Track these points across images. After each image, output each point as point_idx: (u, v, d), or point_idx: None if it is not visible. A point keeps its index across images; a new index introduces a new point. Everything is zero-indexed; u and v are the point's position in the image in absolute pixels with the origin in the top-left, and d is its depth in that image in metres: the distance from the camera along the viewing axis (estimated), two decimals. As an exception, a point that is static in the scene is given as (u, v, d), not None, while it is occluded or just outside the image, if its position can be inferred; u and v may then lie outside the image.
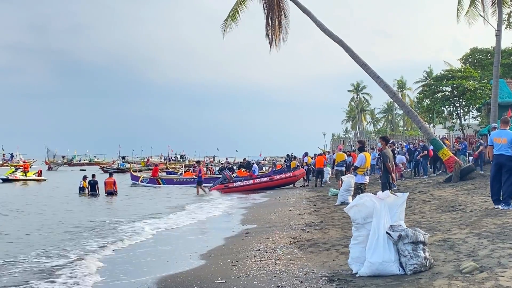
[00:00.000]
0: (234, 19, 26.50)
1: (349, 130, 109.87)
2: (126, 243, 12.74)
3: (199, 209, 21.31)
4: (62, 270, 9.65)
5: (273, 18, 25.83)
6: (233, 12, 26.46)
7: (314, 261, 8.65)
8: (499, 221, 9.49)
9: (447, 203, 13.59)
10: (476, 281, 6.02)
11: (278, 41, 26.27)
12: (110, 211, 21.83)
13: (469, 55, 50.64)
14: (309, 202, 20.62)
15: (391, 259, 6.90)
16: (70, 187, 33.23)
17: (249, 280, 7.84)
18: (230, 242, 12.25)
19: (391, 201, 7.32)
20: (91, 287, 8.36)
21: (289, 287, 7.05)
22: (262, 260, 9.31)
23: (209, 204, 23.83)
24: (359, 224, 7.31)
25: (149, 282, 8.51)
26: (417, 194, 16.39)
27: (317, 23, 24.35)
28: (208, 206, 22.80)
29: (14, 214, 20.07)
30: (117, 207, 23.70)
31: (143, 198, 28.12)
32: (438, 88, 42.31)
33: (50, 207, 22.33)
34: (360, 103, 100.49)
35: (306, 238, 11.21)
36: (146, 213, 19.33)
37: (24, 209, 21.43)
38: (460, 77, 40.38)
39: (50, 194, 31.19)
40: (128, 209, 21.65)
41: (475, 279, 6.08)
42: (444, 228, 9.79)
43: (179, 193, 30.37)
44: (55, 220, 17.76)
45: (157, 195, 30.24)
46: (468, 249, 7.69)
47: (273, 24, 25.88)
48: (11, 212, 20.23)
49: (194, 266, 9.60)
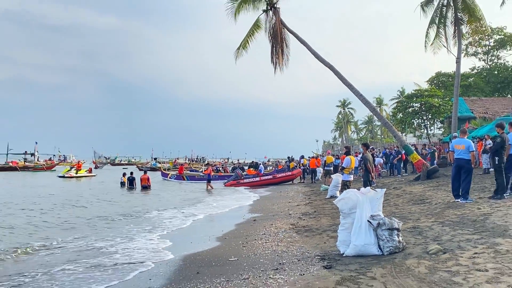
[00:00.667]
0: (245, 47, 26.56)
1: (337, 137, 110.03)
2: (159, 230, 12.68)
3: (214, 201, 21.35)
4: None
5: (277, 48, 25.84)
6: (244, 42, 26.53)
7: (309, 244, 8.66)
8: (458, 212, 9.49)
9: (416, 197, 13.57)
10: (440, 260, 6.01)
11: (281, 66, 26.28)
12: (146, 201, 21.87)
13: (434, 77, 50.53)
14: (305, 195, 20.60)
15: (371, 242, 6.93)
16: (113, 182, 33.36)
17: (257, 258, 7.87)
18: (240, 228, 12.30)
19: (371, 195, 7.33)
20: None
21: (289, 264, 7.07)
22: (267, 242, 9.35)
23: (223, 197, 23.88)
24: (345, 213, 7.34)
25: (177, 259, 8.56)
26: (392, 190, 16.36)
27: (312, 52, 24.40)
28: (222, 198, 22.86)
29: (83, 203, 20.13)
30: (150, 198, 23.70)
31: (171, 192, 28.05)
32: (409, 104, 42.43)
33: (102, 198, 22.38)
34: (346, 116, 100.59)
35: (302, 225, 11.21)
36: (171, 205, 19.26)
37: (84, 200, 21.40)
38: (427, 96, 40.45)
39: (98, 187, 31.31)
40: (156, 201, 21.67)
41: (439, 259, 6.08)
42: (414, 218, 9.79)
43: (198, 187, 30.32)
44: (104, 210, 17.82)
45: (181, 189, 30.21)
46: (434, 234, 7.70)
47: (277, 52, 25.90)
48: (78, 202, 20.22)
49: (212, 247, 9.67)
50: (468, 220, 8.42)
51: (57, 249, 10.00)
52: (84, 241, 10.86)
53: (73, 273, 7.71)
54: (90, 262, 8.54)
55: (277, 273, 6.55)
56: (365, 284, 5.48)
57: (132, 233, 11.97)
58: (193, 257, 8.61)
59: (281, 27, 25.73)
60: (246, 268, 7.10)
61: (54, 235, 11.57)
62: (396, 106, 45.72)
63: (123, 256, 9.07)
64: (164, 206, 18.60)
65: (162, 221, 14.31)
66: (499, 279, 4.90)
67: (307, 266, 6.79)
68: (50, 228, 13.07)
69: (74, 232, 12.28)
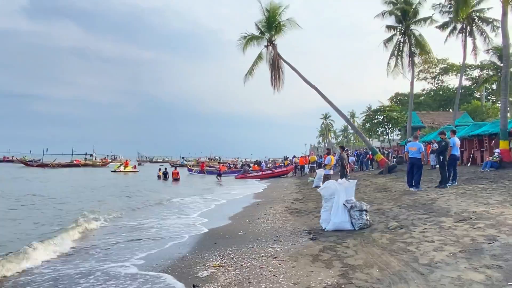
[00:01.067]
0: (251, 73, 26.47)
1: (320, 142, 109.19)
2: (193, 211, 12.51)
3: (228, 190, 21.35)
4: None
5: (275, 74, 25.80)
6: (250, 69, 26.47)
7: (299, 222, 8.65)
8: (412, 197, 9.46)
9: (380, 187, 13.53)
10: (398, 234, 6.02)
11: (278, 87, 26.20)
12: (177, 190, 21.87)
13: (393, 97, 50.46)
14: (296, 186, 20.57)
15: (346, 220, 6.94)
16: (152, 175, 33.42)
17: (259, 232, 7.87)
18: (247, 210, 12.26)
19: (346, 185, 7.34)
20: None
21: (284, 237, 7.07)
22: (267, 220, 9.33)
23: (235, 187, 23.85)
24: (326, 199, 7.33)
25: (201, 233, 8.54)
26: (361, 181, 16.30)
27: (301, 77, 24.34)
28: (234, 188, 22.83)
29: (126, 191, 20.11)
30: (179, 188, 23.71)
31: (193, 184, 28.09)
32: (374, 117, 42.33)
33: (144, 187, 22.39)
34: (327, 125, 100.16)
35: (294, 208, 11.19)
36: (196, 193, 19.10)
37: (128, 189, 21.45)
38: (388, 110, 40.35)
39: (142, 179, 31.23)
40: (181, 191, 21.64)
41: (397, 233, 6.09)
42: (378, 202, 9.77)
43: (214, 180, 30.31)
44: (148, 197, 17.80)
45: (201, 182, 30.13)
46: (393, 214, 7.69)
47: (275, 77, 25.85)
48: (132, 193, 19.99)
49: (226, 224, 9.64)
50: (419, 204, 8.40)
51: (107, 227, 9.90)
52: (126, 220, 10.74)
53: (119, 243, 7.68)
54: (132, 235, 8.48)
55: (275, 243, 6.57)
56: (341, 251, 5.49)
57: (171, 214, 11.77)
58: (211, 232, 8.62)
59: (278, 58, 25.72)
60: (251, 240, 7.12)
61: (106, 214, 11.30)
62: (365, 118, 45.55)
63: (161, 231, 8.99)
64: (191, 194, 18.46)
65: (196, 204, 14.18)
66: (443, 248, 4.91)
67: (297, 238, 6.81)
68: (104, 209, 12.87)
69: (115, 212, 11.87)
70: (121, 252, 6.90)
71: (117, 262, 6.15)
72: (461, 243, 4.96)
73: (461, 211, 6.93)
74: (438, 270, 4.19)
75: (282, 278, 4.61)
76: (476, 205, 7.31)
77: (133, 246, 7.32)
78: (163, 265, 5.84)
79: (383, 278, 4.22)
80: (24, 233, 8.68)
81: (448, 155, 10.65)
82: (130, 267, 5.87)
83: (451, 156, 10.77)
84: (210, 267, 5.44)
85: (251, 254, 5.92)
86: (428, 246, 5.08)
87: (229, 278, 4.87)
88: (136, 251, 6.90)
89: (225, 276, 4.97)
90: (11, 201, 15.02)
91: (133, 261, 6.21)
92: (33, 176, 33.00)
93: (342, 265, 4.83)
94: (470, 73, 44.35)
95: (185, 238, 8.02)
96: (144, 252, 6.78)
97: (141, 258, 6.36)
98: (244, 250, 6.30)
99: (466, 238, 5.14)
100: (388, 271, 4.40)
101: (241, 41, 25.85)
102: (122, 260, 6.29)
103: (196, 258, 6.10)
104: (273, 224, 8.65)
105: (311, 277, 4.54)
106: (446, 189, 10.15)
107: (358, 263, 4.84)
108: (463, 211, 6.88)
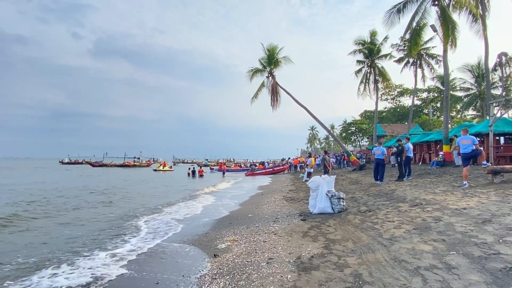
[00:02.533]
0: (256, 97, 26.37)
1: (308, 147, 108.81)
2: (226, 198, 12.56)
3: (235, 183, 21.23)
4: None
5: (273, 97, 25.77)
6: (256, 94, 26.48)
7: (293, 207, 8.61)
8: (377, 188, 9.37)
9: (353, 180, 13.42)
10: (367, 216, 5.97)
11: (275, 107, 26.16)
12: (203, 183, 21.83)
13: (363, 113, 49.98)
14: (290, 180, 20.46)
15: (328, 205, 6.90)
16: (183, 173, 33.47)
17: (263, 215, 7.83)
18: (253, 198, 12.19)
19: (328, 179, 7.30)
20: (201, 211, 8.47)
21: (282, 218, 7.03)
22: (269, 206, 9.29)
23: (244, 182, 23.78)
24: (313, 189, 7.30)
25: (222, 216, 8.55)
26: (339, 177, 16.19)
27: (294, 99, 24.33)
28: (239, 183, 22.73)
29: (163, 184, 20.16)
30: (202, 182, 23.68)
31: (214, 179, 28.04)
32: (349, 128, 42.30)
33: (180, 182, 22.44)
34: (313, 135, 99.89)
35: (289, 196, 11.14)
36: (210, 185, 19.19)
37: (163, 183, 21.46)
38: (359, 123, 40.29)
39: (177, 176, 31.35)
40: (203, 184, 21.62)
41: (367, 215, 6.03)
42: (352, 192, 9.69)
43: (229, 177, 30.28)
44: (180, 187, 17.83)
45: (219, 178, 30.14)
46: (363, 201, 7.62)
47: (273, 99, 25.79)
48: (166, 186, 20.24)
49: (236, 209, 9.58)
50: (383, 193, 8.33)
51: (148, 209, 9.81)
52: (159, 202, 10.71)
53: (159, 223, 7.52)
54: (160, 218, 8.39)
55: (275, 223, 6.55)
56: (324, 229, 5.46)
57: (199, 200, 11.66)
58: (226, 216, 8.61)
59: (276, 85, 25.73)
60: (257, 220, 7.09)
61: (150, 203, 11.37)
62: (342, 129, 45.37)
63: (190, 213, 8.90)
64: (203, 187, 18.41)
65: (218, 194, 14.01)
66: (400, 226, 4.86)
67: (291, 219, 6.77)
68: (144, 198, 12.89)
69: (154, 199, 11.91)
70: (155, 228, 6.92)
71: (162, 237, 6.15)
72: (415, 223, 4.92)
73: (414, 198, 6.87)
74: (397, 243, 4.15)
75: (280, 249, 4.60)
76: (425, 194, 7.24)
77: (170, 223, 7.29)
78: (192, 240, 5.85)
79: (355, 249, 4.19)
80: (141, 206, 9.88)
81: (404, 156, 10.57)
82: (162, 243, 5.88)
83: (406, 157, 10.69)
84: (226, 241, 5.44)
85: (257, 231, 5.91)
86: (389, 225, 5.04)
87: (241, 249, 4.86)
88: (171, 229, 6.89)
89: (237, 247, 4.97)
90: (110, 191, 15.18)
91: (170, 236, 6.21)
92: (98, 173, 33.25)
93: (325, 239, 4.80)
94: (420, 95, 43.83)
95: (211, 219, 8.03)
96: (177, 230, 6.79)
97: (174, 234, 6.37)
98: (252, 228, 6.29)
99: (418, 219, 5.10)
100: (360, 244, 4.37)
101: (249, 73, 25.97)
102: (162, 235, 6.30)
103: (216, 234, 6.10)
104: (273, 209, 8.61)
105: (302, 248, 4.53)
106: (403, 182, 10.05)
107: (337, 238, 4.81)
108: (416, 198, 6.81)
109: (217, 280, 3.71)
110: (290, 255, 4.27)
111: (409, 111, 33.68)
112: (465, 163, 7.82)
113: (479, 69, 27.23)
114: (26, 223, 7.63)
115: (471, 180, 8.23)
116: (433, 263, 3.37)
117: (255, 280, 3.57)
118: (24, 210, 9.23)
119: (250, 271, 3.85)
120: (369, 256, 3.85)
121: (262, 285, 3.42)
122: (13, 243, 5.92)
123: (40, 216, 8.57)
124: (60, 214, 8.86)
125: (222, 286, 3.51)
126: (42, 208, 9.86)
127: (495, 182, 7.58)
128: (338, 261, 3.82)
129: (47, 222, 7.86)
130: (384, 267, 3.47)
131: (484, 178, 8.42)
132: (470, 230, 4.21)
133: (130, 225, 7.31)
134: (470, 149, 7.70)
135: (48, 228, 7.12)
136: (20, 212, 8.83)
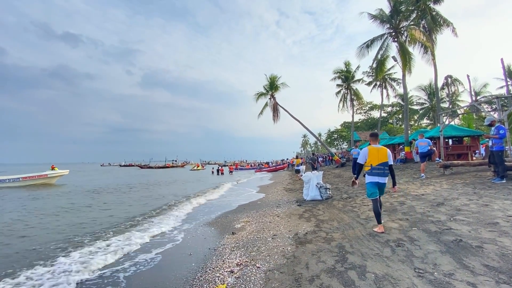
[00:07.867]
0: (261, 113, 26.55)
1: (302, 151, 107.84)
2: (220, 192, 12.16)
3: (248, 178, 21.08)
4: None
5: (274, 113, 25.82)
6: (261, 111, 26.60)
7: (292, 196, 8.50)
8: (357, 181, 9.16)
9: (337, 175, 13.22)
10: (347, 201, 5.88)
11: (276, 121, 26.19)
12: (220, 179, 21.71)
13: (343, 124, 49.18)
14: (289, 175, 20.27)
15: (317, 194, 6.80)
16: (209, 171, 33.52)
17: (270, 201, 7.72)
18: (261, 188, 12.01)
19: (317, 174, 7.22)
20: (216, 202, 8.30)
21: (283, 204, 6.93)
22: (274, 195, 9.15)
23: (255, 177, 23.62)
24: (306, 182, 7.22)
25: (232, 206, 8.43)
26: (326, 172, 15.95)
27: (290, 115, 24.35)
28: (250, 178, 22.59)
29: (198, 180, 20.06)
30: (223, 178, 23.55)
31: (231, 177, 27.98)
32: (332, 135, 41.86)
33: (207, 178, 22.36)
34: (305, 141, 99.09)
35: (288, 188, 11.01)
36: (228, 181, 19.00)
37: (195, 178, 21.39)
38: (340, 131, 39.87)
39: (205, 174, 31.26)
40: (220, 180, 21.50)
41: (347, 201, 5.94)
42: (335, 183, 9.53)
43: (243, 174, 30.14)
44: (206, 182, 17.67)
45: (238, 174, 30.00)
46: (345, 190, 7.51)
47: (274, 115, 25.86)
48: (197, 181, 19.95)
49: (254, 197, 9.44)
50: (360, 184, 8.17)
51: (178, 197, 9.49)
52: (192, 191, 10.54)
53: (189, 212, 7.38)
54: (189, 206, 8.26)
55: (277, 208, 6.48)
56: (315, 212, 5.39)
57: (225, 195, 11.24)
58: (242, 204, 8.53)
59: (276, 104, 25.80)
60: (264, 206, 7.03)
61: (178, 191, 10.98)
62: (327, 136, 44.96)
63: (221, 205, 8.75)
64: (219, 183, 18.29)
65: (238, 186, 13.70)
66: (373, 209, 4.77)
67: (290, 205, 6.69)
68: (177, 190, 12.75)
69: (186, 190, 11.61)
70: (188, 216, 6.91)
71: (196, 220, 6.15)
72: (384, 206, 4.81)
73: (384, 187, 6.73)
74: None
75: (282, 228, 4.56)
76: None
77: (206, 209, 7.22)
78: (213, 222, 5.85)
79: (339, 226, 4.13)
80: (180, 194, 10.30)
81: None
82: (187, 226, 5.87)
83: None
84: (241, 222, 5.42)
85: (264, 215, 5.87)
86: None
87: (252, 228, 4.84)
88: (205, 215, 6.87)
89: (250, 227, 4.95)
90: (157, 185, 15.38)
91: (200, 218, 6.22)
92: (147, 173, 33.57)
93: (316, 220, 4.75)
94: (386, 109, 43.19)
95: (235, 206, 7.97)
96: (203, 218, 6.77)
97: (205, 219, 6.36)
98: (260, 212, 6.25)
99: (387, 203, 5.00)
100: (343, 223, 4.31)
101: (255, 96, 26.24)
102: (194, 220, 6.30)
103: (233, 217, 6.09)
104: (277, 197, 8.52)
105: (298, 226, 4.48)
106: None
107: (325, 219, 4.75)
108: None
109: (235, 251, 3.70)
110: (290, 232, 4.23)
111: (378, 122, 33.27)
112: (422, 160, 7.68)
113: (430, 88, 27.08)
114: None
115: (427, 173, 8.03)
116: (399, 237, 3.31)
117: (263, 251, 3.56)
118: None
119: (259, 245, 3.83)
120: (350, 232, 3.80)
121: (269, 255, 3.40)
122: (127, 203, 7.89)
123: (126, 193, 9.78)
124: (142, 196, 9.91)
125: (239, 256, 3.50)
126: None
127: (446, 174, 7.39)
128: (326, 236, 3.77)
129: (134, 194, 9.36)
130: (362, 240, 3.42)
131: (437, 171, 8.21)
132: (428, 211, 4.11)
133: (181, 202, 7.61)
134: (426, 149, 7.59)
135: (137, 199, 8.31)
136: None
